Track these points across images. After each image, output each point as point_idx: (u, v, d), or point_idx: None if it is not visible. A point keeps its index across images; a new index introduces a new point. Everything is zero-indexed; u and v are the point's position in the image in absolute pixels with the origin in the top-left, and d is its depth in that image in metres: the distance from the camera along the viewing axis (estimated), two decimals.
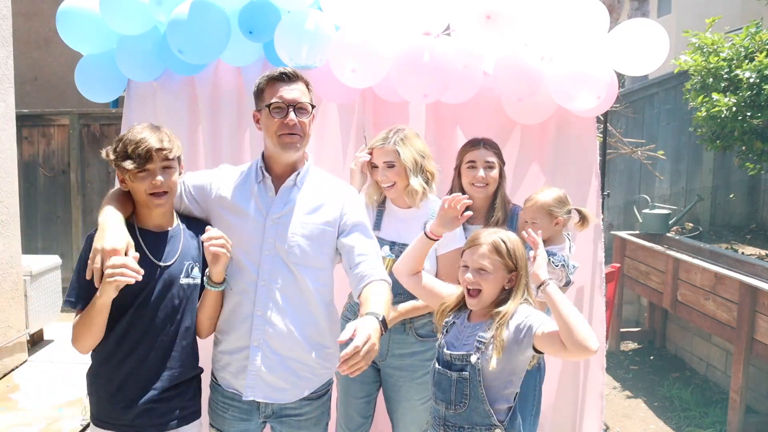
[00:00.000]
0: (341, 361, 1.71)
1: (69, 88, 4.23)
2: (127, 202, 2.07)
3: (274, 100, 2.06)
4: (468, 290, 2.07)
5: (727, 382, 4.80)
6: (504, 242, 2.05)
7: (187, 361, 2.11)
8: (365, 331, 1.74)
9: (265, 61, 3.20)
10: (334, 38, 2.91)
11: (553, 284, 1.99)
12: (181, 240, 2.10)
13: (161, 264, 2.03)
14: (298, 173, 2.16)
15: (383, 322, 1.88)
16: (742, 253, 5.74)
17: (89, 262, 1.89)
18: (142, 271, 1.88)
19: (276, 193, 2.13)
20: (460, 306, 2.17)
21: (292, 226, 2.10)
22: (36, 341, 5.28)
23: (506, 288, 2.07)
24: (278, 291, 2.08)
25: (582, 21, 2.91)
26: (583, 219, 2.76)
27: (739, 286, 4.25)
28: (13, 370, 4.75)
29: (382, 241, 2.53)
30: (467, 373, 2.01)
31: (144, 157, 1.95)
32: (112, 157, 2.00)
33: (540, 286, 2.01)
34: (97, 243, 1.89)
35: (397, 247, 2.52)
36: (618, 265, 5.31)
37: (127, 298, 1.96)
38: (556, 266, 2.57)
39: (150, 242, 2.04)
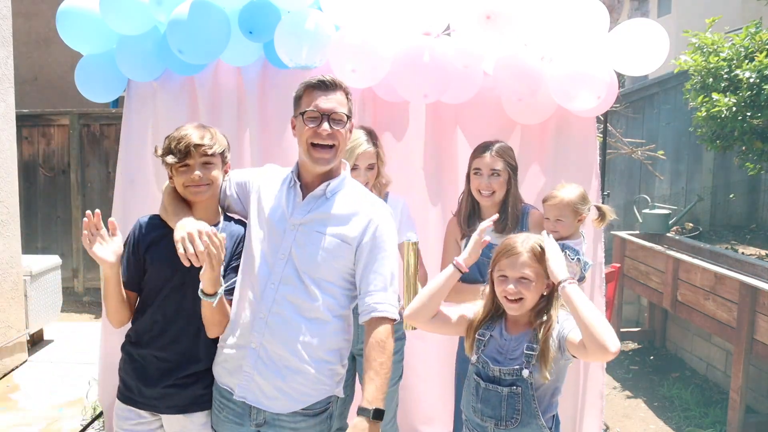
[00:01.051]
0: None
1: (69, 88, 4.23)
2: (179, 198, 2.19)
3: (309, 109, 2.02)
4: (507, 299, 2.01)
5: (727, 382, 4.80)
6: (542, 248, 2.01)
7: (209, 352, 2.18)
8: None
9: (265, 61, 3.20)
10: (334, 38, 2.91)
11: (573, 285, 1.91)
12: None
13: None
14: (329, 184, 2.09)
15: (376, 412, 1.89)
16: (742, 253, 5.74)
17: (182, 245, 1.97)
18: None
19: (303, 199, 2.09)
20: (491, 317, 2.11)
21: (311, 235, 2.04)
22: (36, 341, 5.28)
23: (544, 294, 2.02)
24: (286, 297, 2.03)
25: (582, 21, 2.91)
26: (602, 215, 2.76)
27: (739, 286, 4.25)
28: (13, 370, 4.75)
29: None
30: (519, 388, 1.96)
31: (184, 152, 2.07)
32: (159, 153, 2.14)
33: (559, 284, 1.94)
34: (181, 231, 1.99)
35: None
36: (618, 265, 5.31)
37: (161, 281, 2.13)
38: (572, 259, 2.56)
39: None
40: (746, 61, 5.27)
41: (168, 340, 2.16)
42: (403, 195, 3.25)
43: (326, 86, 2.04)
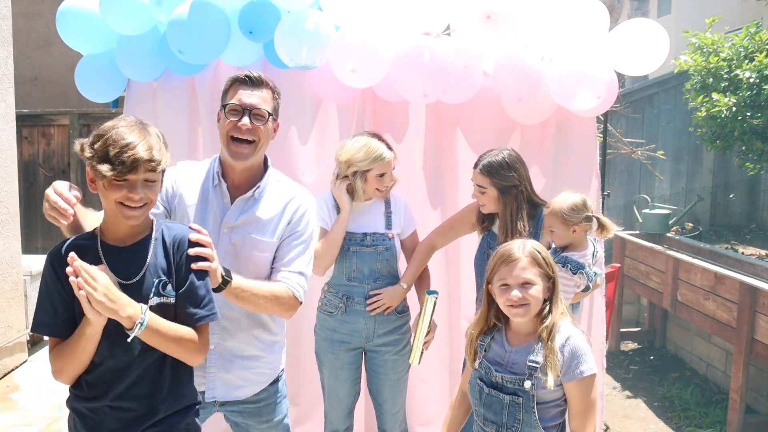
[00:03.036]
0: None
1: (69, 88, 4.23)
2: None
3: (232, 102, 2.02)
4: (511, 306, 1.97)
5: (727, 382, 4.80)
6: (539, 252, 1.99)
7: (175, 393, 1.80)
8: None
9: (265, 61, 3.20)
10: (334, 38, 2.91)
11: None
12: (150, 251, 1.76)
13: (124, 283, 1.70)
14: (258, 187, 2.09)
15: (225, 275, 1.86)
16: (742, 253, 5.74)
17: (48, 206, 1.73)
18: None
19: (232, 202, 2.08)
20: (491, 326, 2.09)
21: (245, 239, 2.06)
22: (36, 341, 5.27)
23: (545, 299, 1.99)
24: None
25: (582, 21, 2.91)
26: (601, 227, 2.65)
27: (739, 286, 4.25)
28: (13, 370, 4.75)
29: (352, 235, 2.66)
30: (521, 398, 1.95)
31: (129, 167, 1.64)
32: (88, 154, 1.68)
33: None
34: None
35: (369, 237, 2.67)
36: (618, 265, 5.31)
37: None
38: (575, 274, 2.55)
39: (113, 258, 1.73)
40: (746, 61, 5.27)
41: (119, 394, 1.72)
42: (403, 195, 3.26)
43: (252, 82, 2.04)
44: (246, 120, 2.00)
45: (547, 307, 1.99)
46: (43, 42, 8.19)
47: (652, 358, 5.83)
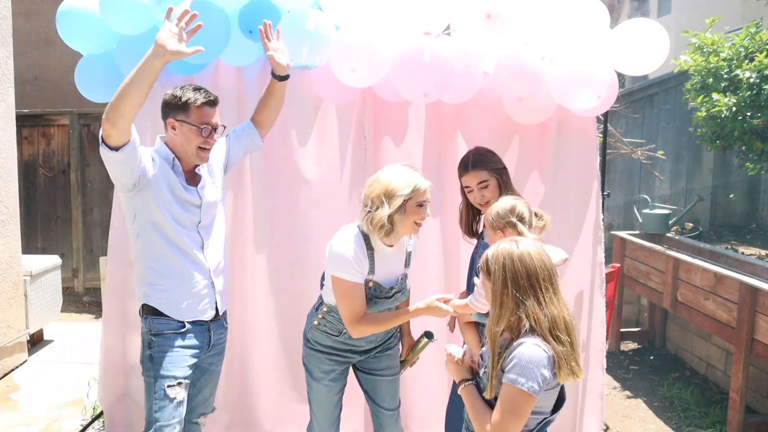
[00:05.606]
0: None
1: (69, 88, 4.23)
2: None
3: (204, 126, 2.50)
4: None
5: (727, 382, 4.80)
6: (487, 260, 1.94)
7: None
8: None
9: (265, 61, 3.20)
10: (334, 38, 2.91)
11: (467, 387, 2.00)
12: None
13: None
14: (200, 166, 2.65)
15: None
16: (742, 253, 5.74)
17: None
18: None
19: (187, 181, 2.58)
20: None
21: (216, 205, 2.69)
22: (36, 341, 5.27)
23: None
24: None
25: (582, 21, 2.91)
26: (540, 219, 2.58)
27: (739, 286, 4.25)
28: (13, 370, 4.75)
29: (380, 289, 2.50)
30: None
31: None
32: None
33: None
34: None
35: (394, 290, 2.55)
36: (618, 265, 5.30)
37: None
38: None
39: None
40: (746, 61, 5.27)
41: None
42: None
43: (214, 104, 2.55)
44: (216, 136, 2.57)
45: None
46: (43, 42, 8.18)
47: (652, 358, 5.83)
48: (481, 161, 2.73)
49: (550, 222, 2.58)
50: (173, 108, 2.52)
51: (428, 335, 2.61)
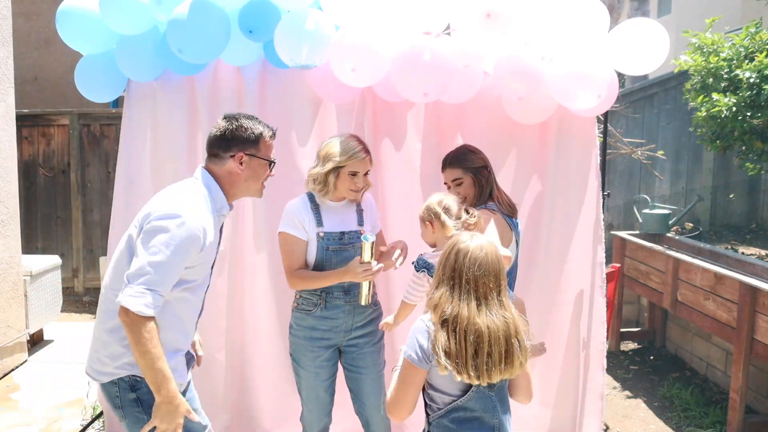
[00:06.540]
0: None
1: (69, 88, 4.23)
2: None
3: (274, 161, 2.40)
4: None
5: (727, 382, 4.80)
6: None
7: None
8: None
9: (265, 61, 3.20)
10: (334, 38, 2.91)
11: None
12: None
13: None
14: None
15: None
16: (742, 253, 5.74)
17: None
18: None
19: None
20: None
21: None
22: (36, 341, 5.27)
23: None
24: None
25: (582, 21, 2.91)
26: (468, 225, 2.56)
27: (739, 286, 4.24)
28: (13, 370, 4.75)
29: (330, 234, 2.69)
30: None
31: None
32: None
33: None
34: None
35: (347, 236, 2.72)
36: (618, 265, 5.30)
37: None
38: (418, 270, 2.51)
39: None
40: (746, 61, 5.26)
41: None
42: (402, 194, 3.27)
43: (275, 136, 2.44)
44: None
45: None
46: (43, 42, 8.19)
47: (652, 358, 5.83)
48: (456, 159, 2.83)
49: (482, 223, 2.54)
50: (243, 141, 2.30)
51: (365, 237, 2.61)
